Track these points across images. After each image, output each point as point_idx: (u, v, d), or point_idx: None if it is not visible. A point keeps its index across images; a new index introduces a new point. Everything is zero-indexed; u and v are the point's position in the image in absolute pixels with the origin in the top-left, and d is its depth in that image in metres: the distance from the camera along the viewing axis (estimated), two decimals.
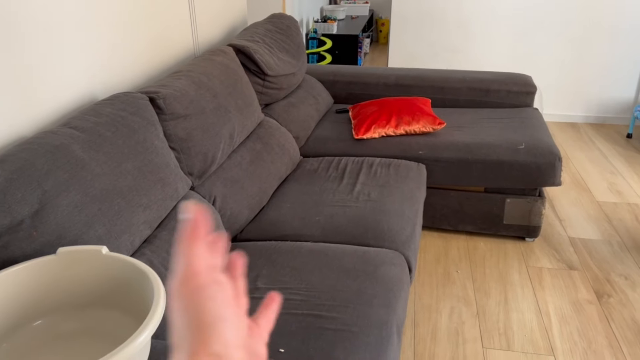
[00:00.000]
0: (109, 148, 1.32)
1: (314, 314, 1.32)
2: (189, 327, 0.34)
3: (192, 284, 0.35)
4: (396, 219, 1.77)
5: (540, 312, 1.90)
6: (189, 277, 0.35)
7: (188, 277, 0.35)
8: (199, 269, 0.36)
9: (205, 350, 0.32)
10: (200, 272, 0.36)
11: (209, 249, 0.37)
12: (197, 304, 0.34)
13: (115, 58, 1.70)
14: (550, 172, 2.16)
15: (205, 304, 0.34)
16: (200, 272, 0.36)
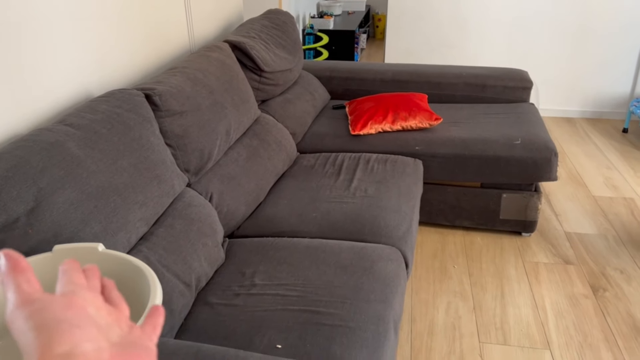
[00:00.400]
0: (105, 145, 1.32)
1: (310, 309, 1.32)
2: (29, 342, 0.33)
3: (25, 306, 0.35)
4: (393, 214, 1.78)
5: (537, 306, 1.91)
6: (21, 302, 0.35)
7: (20, 301, 0.36)
8: (28, 291, 0.36)
9: (50, 353, 0.32)
10: (31, 293, 0.36)
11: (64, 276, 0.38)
12: (33, 318, 0.34)
13: (110, 55, 1.69)
14: (546, 167, 2.16)
15: (40, 315, 0.34)
16: (30, 293, 0.36)
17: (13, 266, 0.37)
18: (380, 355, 1.22)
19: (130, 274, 0.99)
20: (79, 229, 1.14)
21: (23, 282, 0.37)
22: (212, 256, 1.51)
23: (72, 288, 0.38)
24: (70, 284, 0.38)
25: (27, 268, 0.38)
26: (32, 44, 1.35)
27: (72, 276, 0.39)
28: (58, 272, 0.39)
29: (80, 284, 0.39)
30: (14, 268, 0.37)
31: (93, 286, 0.40)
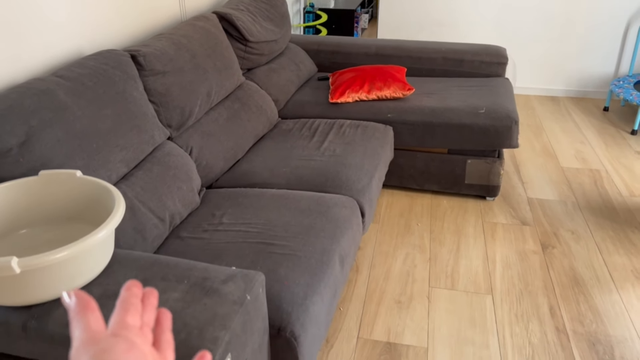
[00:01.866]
0: (91, 95, 1.51)
1: (266, 242, 1.52)
2: None
3: (91, 345, 0.36)
4: (355, 171, 1.96)
5: (487, 259, 2.09)
6: (88, 340, 0.37)
7: (87, 340, 0.37)
8: (96, 330, 0.37)
9: None
10: (98, 332, 0.37)
11: (126, 309, 0.40)
12: (97, 357, 0.35)
13: (104, 20, 1.88)
14: (507, 135, 2.32)
15: (104, 356, 0.35)
16: (97, 332, 0.37)
17: (84, 305, 0.39)
18: (321, 279, 1.41)
19: (102, 195, 1.19)
20: (64, 162, 1.35)
21: (92, 321, 0.38)
22: (186, 199, 1.71)
23: (126, 333, 0.38)
24: (124, 328, 0.38)
25: (96, 308, 0.39)
26: (29, 7, 1.55)
27: (128, 315, 0.40)
28: (119, 295, 0.42)
29: (133, 326, 0.39)
30: (84, 307, 0.39)
31: (147, 321, 0.41)
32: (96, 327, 0.38)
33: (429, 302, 1.86)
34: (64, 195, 1.22)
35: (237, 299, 1.07)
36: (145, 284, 1.10)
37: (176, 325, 1.00)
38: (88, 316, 0.38)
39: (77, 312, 0.38)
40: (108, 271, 1.14)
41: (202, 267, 1.16)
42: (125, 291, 0.41)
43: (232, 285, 1.10)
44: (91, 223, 1.23)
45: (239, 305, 1.06)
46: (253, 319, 1.11)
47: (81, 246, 0.98)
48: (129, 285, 0.42)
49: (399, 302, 1.86)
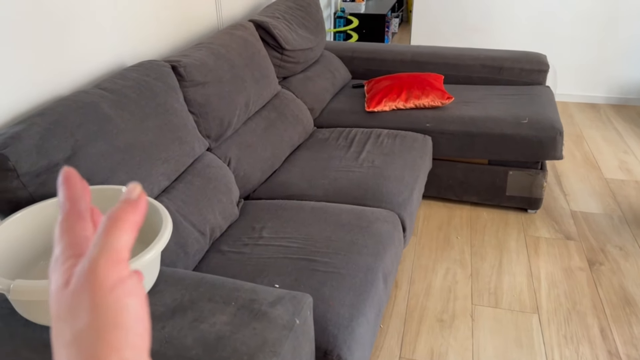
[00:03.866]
0: (133, 107, 1.50)
1: (308, 259, 1.48)
2: (97, 323, 0.27)
3: (114, 273, 0.28)
4: (395, 183, 1.91)
5: (532, 275, 2.01)
6: (113, 262, 0.28)
7: (112, 261, 0.28)
8: (123, 257, 0.29)
9: (117, 355, 0.26)
10: (124, 261, 0.29)
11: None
12: (114, 299, 0.27)
13: (143, 30, 1.88)
14: (551, 146, 2.24)
15: (124, 301, 0.28)
16: (124, 260, 0.29)
17: (75, 212, 0.31)
18: (366, 299, 1.37)
19: (148, 212, 1.17)
20: (108, 176, 1.34)
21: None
22: (226, 211, 1.69)
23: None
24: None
25: (86, 214, 0.32)
26: (75, 20, 1.55)
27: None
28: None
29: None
30: (75, 214, 0.31)
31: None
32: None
33: (473, 321, 1.79)
34: None
35: (286, 323, 1.04)
36: (192, 305, 1.08)
37: (225, 351, 0.97)
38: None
39: (63, 221, 0.30)
40: (154, 291, 1.11)
41: (249, 287, 1.13)
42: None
43: (281, 308, 1.07)
44: (138, 241, 1.21)
45: (288, 330, 1.03)
46: (302, 343, 1.08)
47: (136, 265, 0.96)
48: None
49: (441, 320, 1.80)
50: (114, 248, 0.28)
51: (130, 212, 0.29)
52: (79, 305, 0.27)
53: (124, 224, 0.29)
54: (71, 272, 0.28)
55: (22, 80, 1.40)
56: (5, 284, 0.91)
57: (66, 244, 0.30)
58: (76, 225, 0.31)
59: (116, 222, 0.29)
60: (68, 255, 0.29)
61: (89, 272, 0.27)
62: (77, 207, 0.31)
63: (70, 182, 0.32)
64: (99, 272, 0.27)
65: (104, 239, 0.28)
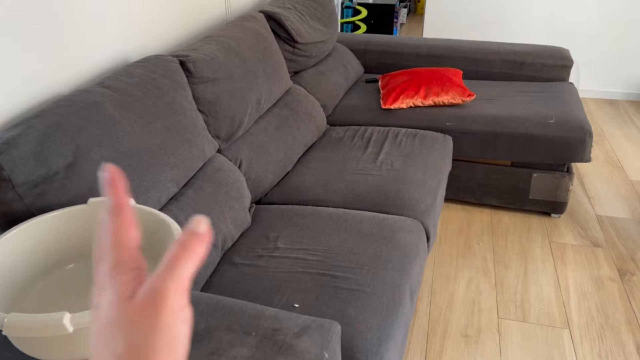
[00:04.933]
0: (139, 108, 1.38)
1: (329, 274, 1.36)
2: (155, 342, 0.28)
3: (180, 300, 0.29)
4: (417, 188, 1.79)
5: (560, 286, 1.90)
6: (181, 290, 0.29)
7: (181, 289, 0.29)
8: (187, 286, 0.30)
9: None
10: (187, 290, 0.30)
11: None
12: (175, 324, 0.28)
13: (149, 22, 1.75)
14: (579, 148, 2.12)
15: (181, 328, 0.29)
16: (187, 289, 0.30)
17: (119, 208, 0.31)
18: (394, 320, 1.25)
19: (157, 226, 1.05)
20: None
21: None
22: (238, 219, 1.57)
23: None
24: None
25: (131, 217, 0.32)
26: (76, 12, 1.42)
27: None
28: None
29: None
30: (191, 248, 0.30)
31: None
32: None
33: (500, 336, 1.68)
34: None
35: (314, 357, 0.93)
36: (208, 335, 0.96)
37: None
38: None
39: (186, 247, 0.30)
40: None
41: (271, 314, 1.01)
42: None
43: (308, 340, 0.95)
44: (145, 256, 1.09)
45: None
46: None
47: None
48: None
49: (466, 335, 1.69)
50: (182, 276, 0.29)
51: (197, 244, 0.30)
52: (143, 321, 0.28)
53: (192, 254, 0.30)
54: (134, 286, 0.29)
55: (17, 78, 1.28)
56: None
57: (120, 255, 0.30)
58: (128, 235, 0.31)
59: (185, 251, 0.30)
60: (126, 268, 0.30)
61: (160, 295, 0.28)
62: (127, 216, 0.31)
63: (117, 186, 0.32)
64: (169, 297, 0.28)
65: (175, 266, 0.29)
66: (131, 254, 0.31)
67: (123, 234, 0.31)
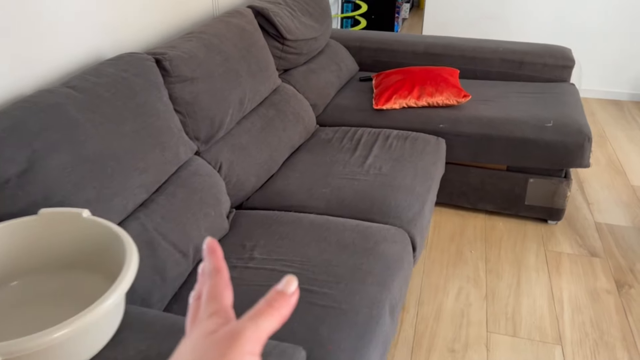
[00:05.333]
0: (107, 109, 1.30)
1: (305, 288, 1.29)
2: None
3: (252, 346, 0.33)
4: (405, 195, 1.71)
5: (554, 298, 1.82)
6: (256, 338, 0.33)
7: (256, 337, 0.33)
8: (264, 338, 0.34)
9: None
10: (262, 341, 0.34)
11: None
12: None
13: (127, 17, 1.67)
14: (577, 153, 2.03)
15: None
16: (263, 340, 0.34)
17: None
18: (370, 340, 1.18)
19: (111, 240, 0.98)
20: (72, 193, 1.14)
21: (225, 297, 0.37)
22: (214, 227, 1.50)
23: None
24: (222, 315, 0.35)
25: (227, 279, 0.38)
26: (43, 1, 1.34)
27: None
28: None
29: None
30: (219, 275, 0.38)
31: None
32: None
33: (488, 352, 1.61)
34: (67, 238, 1.02)
35: None
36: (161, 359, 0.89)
37: None
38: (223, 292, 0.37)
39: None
40: (116, 340, 0.93)
41: None
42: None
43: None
44: (97, 272, 1.02)
45: None
46: None
47: (82, 322, 0.77)
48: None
49: (453, 350, 1.61)
50: (261, 328, 0.33)
51: (284, 305, 0.34)
52: (214, 352, 0.32)
53: (276, 313, 0.34)
54: (219, 327, 0.34)
55: None
56: None
57: (217, 307, 0.36)
58: (224, 293, 0.37)
59: (271, 308, 0.34)
60: (220, 316, 0.35)
61: (236, 334, 0.32)
62: (224, 277, 0.38)
63: (216, 253, 0.39)
64: (242, 338, 0.32)
65: (258, 317, 0.33)
66: (225, 308, 0.36)
67: (220, 291, 0.36)
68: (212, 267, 0.38)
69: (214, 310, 0.35)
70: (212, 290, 0.36)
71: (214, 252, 0.38)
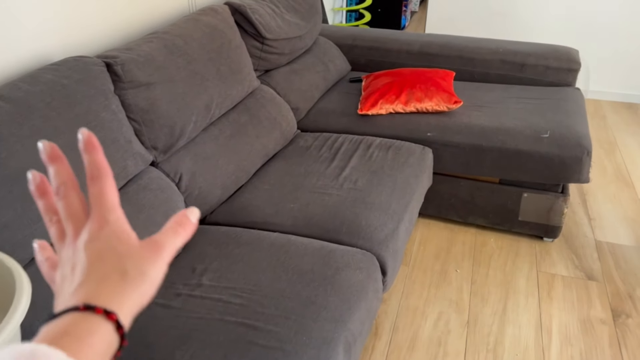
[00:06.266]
0: (37, 122, 1.19)
1: (249, 324, 1.16)
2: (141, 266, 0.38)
3: (165, 253, 0.40)
4: (378, 213, 1.57)
5: (541, 328, 1.67)
6: (169, 248, 0.40)
7: (169, 247, 0.40)
8: (169, 250, 0.40)
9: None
10: (164, 250, 0.40)
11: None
12: (157, 264, 0.39)
13: (81, 14, 1.54)
14: (575, 168, 1.86)
15: (160, 266, 0.39)
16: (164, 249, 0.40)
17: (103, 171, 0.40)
18: None
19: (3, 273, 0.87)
20: None
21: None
22: None
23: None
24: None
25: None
26: None
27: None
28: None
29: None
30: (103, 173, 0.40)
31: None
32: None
33: None
34: None
35: None
36: None
37: None
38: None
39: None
40: None
41: None
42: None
43: None
44: None
45: None
46: None
47: None
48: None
49: None
50: (176, 243, 0.40)
51: (189, 228, 0.41)
52: (144, 257, 0.38)
53: (184, 232, 0.40)
54: (100, 230, 0.38)
55: None
56: None
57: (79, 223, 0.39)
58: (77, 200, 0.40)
59: (181, 228, 0.40)
60: (93, 222, 0.39)
61: (160, 245, 0.39)
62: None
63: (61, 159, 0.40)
64: (165, 249, 0.39)
65: (173, 234, 0.40)
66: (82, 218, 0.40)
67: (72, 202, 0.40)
68: (94, 167, 0.39)
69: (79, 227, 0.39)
70: (66, 208, 0.39)
71: (92, 148, 0.39)
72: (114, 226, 0.37)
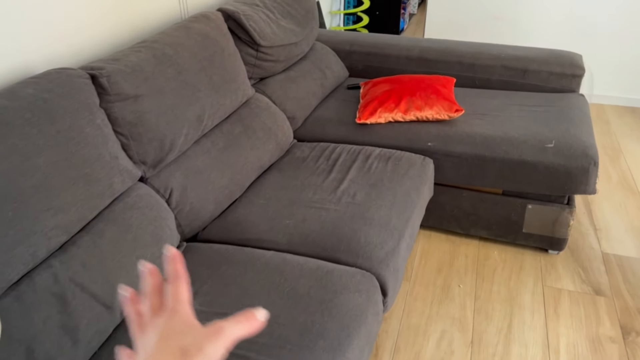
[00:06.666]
0: (14, 139, 1.12)
1: (240, 354, 1.09)
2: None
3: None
4: (378, 229, 1.50)
5: (549, 347, 1.60)
6: (230, 333, 0.43)
7: (230, 333, 0.43)
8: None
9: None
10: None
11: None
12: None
13: (66, 23, 1.47)
14: (581, 179, 1.80)
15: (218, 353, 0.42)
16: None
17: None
18: None
19: None
20: None
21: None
22: None
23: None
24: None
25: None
26: None
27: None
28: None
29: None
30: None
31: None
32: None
33: None
34: None
35: None
36: None
37: None
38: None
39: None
40: None
41: None
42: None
43: None
44: None
45: None
46: None
47: None
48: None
49: None
50: (236, 330, 0.44)
51: (254, 324, 0.44)
52: (196, 337, 0.42)
53: (248, 325, 0.44)
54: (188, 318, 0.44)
55: None
56: None
57: (181, 304, 0.45)
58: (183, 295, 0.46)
59: (246, 320, 0.44)
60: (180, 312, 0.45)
61: (220, 329, 0.43)
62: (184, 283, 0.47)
63: (176, 260, 0.48)
64: (224, 334, 0.43)
65: (236, 323, 0.44)
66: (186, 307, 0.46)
67: (180, 293, 0.46)
68: (173, 273, 0.46)
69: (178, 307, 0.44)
70: (174, 292, 0.45)
71: (174, 260, 0.46)
72: (182, 315, 0.43)
